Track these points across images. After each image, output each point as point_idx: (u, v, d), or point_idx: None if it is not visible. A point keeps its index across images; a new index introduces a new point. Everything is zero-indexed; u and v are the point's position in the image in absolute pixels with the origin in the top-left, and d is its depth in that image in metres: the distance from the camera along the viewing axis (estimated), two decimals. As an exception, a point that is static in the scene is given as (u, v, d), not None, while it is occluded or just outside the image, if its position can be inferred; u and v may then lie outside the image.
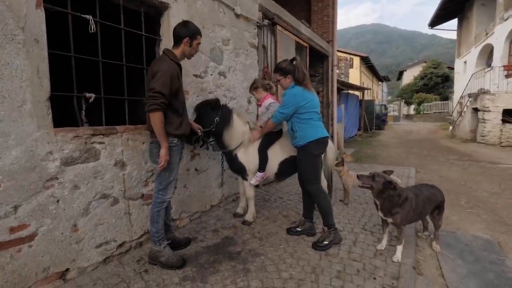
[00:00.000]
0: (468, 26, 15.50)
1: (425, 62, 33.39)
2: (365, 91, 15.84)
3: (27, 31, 1.68)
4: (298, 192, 4.20)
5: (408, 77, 35.41)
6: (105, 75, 2.27)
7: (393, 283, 2.07)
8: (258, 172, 2.93)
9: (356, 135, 13.30)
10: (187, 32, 2.07)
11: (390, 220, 2.40)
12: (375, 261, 2.37)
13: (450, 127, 14.52)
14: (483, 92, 10.49)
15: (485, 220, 3.38)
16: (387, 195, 2.31)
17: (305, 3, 7.20)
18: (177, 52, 2.11)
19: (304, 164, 2.58)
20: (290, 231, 2.86)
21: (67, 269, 1.98)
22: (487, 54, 13.45)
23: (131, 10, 2.56)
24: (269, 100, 2.92)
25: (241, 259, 2.38)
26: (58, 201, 1.89)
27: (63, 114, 2.60)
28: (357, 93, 14.69)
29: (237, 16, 3.51)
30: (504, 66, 11.17)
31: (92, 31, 2.04)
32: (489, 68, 12.31)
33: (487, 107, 10.05)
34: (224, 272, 2.18)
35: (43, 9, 1.75)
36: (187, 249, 2.52)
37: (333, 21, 6.77)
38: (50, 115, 1.83)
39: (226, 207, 3.64)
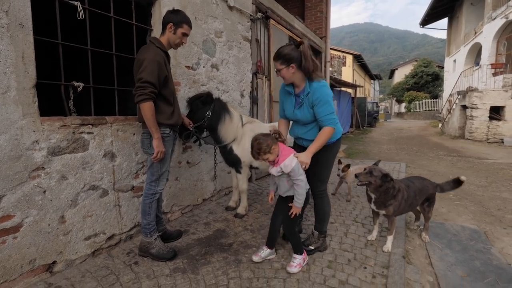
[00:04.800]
0: (457, 25, 15.80)
1: (416, 61, 33.93)
2: (357, 88, 15.99)
3: (11, 15, 1.61)
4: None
5: (400, 75, 35.96)
6: (96, 67, 2.21)
7: (383, 272, 2.11)
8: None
9: (348, 132, 13.44)
10: (172, 19, 2.02)
11: (383, 212, 2.42)
12: (366, 251, 2.41)
13: (440, 125, 14.83)
14: (471, 89, 10.74)
15: (472, 212, 3.47)
16: (384, 188, 2.32)
17: (299, -2, 7.19)
18: (163, 39, 2.07)
19: (326, 164, 2.25)
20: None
21: (54, 262, 1.94)
22: (476, 52, 13.76)
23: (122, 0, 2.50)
24: (292, 159, 1.95)
25: (233, 250, 2.38)
26: (44, 191, 1.84)
27: (54, 108, 2.53)
28: (349, 90, 14.81)
29: (230, 8, 3.47)
30: (491, 64, 11.44)
31: (80, 17, 1.98)
32: (477, 67, 12.60)
33: (475, 104, 10.29)
34: (216, 263, 2.17)
35: (27, -8, 1.68)
36: (178, 241, 2.50)
37: (326, 17, 6.78)
38: (36, 103, 1.77)
39: (218, 201, 3.62)
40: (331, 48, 10.93)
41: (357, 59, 24.71)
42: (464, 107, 11.16)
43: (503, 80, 10.77)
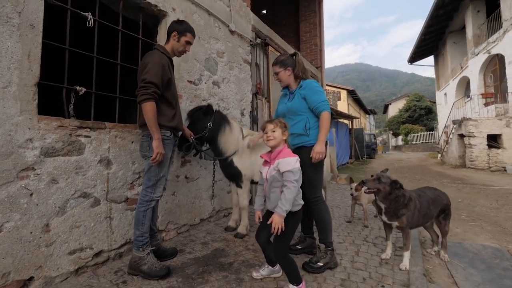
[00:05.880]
0: (444, 62, 16.82)
1: (408, 96, 35.38)
2: (354, 120, 16.33)
3: (24, 16, 1.67)
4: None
5: (394, 110, 37.16)
6: (101, 77, 2.23)
7: (403, 291, 1.87)
8: None
9: (348, 162, 13.35)
10: (177, 27, 2.11)
11: (395, 223, 2.24)
12: (381, 270, 2.17)
13: (439, 155, 14.83)
14: (466, 119, 10.96)
15: (489, 231, 3.25)
16: (394, 196, 2.18)
17: (295, 34, 7.72)
18: (168, 47, 2.13)
19: (314, 166, 2.20)
20: (289, 249, 2.58)
21: (31, 278, 1.71)
22: (465, 85, 14.41)
23: (130, 20, 2.64)
24: (296, 162, 1.73)
25: (233, 269, 2.14)
26: (31, 194, 1.70)
27: (56, 114, 2.49)
28: (346, 121, 15.11)
29: (232, 32, 3.67)
30: (482, 94, 11.88)
31: (90, 25, 2.06)
32: (468, 99, 13.07)
33: (472, 132, 10.41)
34: (215, 283, 1.93)
35: (42, -2, 1.77)
36: (172, 260, 2.26)
37: (320, 50, 7.20)
38: (36, 101, 1.73)
39: (217, 222, 3.39)
40: (326, 84, 11.43)
41: (351, 94, 25.74)
42: (461, 136, 11.28)
43: (495, 110, 11.07)
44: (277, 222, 1.63)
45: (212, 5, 3.28)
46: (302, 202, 1.84)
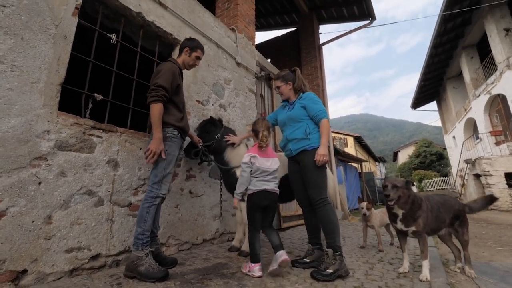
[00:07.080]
0: (447, 106, 17.26)
1: (417, 142, 35.29)
2: (363, 164, 16.10)
3: (60, 29, 1.99)
4: (302, 238, 3.80)
5: (403, 156, 36.70)
6: (118, 91, 2.48)
7: (426, 299, 1.66)
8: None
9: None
10: (189, 44, 2.40)
11: (412, 228, 2.10)
12: (399, 281, 1.97)
13: (457, 199, 14.02)
14: (479, 157, 10.70)
15: (520, 254, 2.93)
16: (412, 198, 2.10)
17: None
18: (179, 60, 2.39)
19: (315, 167, 2.25)
20: (296, 263, 2.40)
21: (25, 271, 1.63)
22: (472, 126, 14.44)
23: (147, 49, 3.04)
24: (246, 156, 2.22)
25: (236, 277, 1.98)
26: (40, 183, 1.75)
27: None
28: (354, 165, 14.92)
29: (238, 64, 4.07)
30: (490, 132, 11.81)
31: (113, 42, 2.39)
32: (478, 140, 12.97)
33: (488, 171, 10.04)
34: (215, 287, 1.77)
35: (77, 18, 2.12)
36: (172, 269, 2.12)
37: (323, 90, 7.67)
38: (58, 98, 1.93)
39: (221, 244, 3.21)
40: (332, 131, 11.70)
41: (358, 140, 25.92)
42: (477, 176, 10.84)
43: (508, 149, 10.85)
44: (234, 203, 2.28)
45: (221, 39, 3.74)
46: (254, 188, 2.17)
